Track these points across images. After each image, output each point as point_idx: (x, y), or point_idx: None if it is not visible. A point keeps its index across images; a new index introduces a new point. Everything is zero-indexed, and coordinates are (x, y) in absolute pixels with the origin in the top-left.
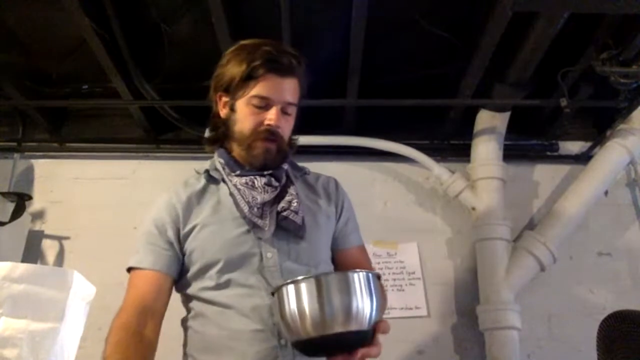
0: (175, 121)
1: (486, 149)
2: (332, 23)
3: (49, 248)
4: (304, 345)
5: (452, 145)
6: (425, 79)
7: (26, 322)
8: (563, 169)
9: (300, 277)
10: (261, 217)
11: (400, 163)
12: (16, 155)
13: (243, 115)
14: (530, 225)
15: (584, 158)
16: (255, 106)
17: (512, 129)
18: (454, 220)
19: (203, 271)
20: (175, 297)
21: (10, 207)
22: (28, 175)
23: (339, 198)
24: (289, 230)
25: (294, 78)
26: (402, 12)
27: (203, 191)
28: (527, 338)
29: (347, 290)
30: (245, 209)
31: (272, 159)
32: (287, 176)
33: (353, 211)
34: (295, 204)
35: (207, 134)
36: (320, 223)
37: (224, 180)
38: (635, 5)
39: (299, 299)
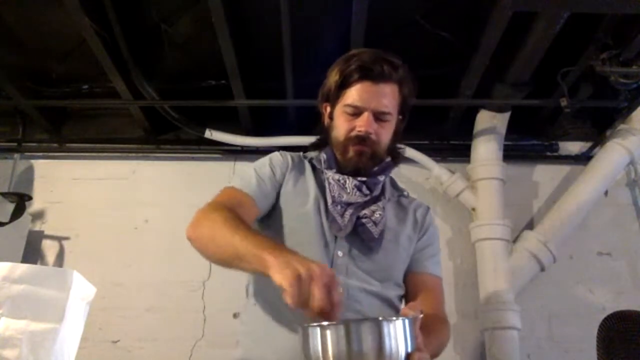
0: (175, 121)
1: (486, 149)
2: (332, 23)
3: (49, 248)
4: None
5: (452, 145)
6: (425, 79)
7: (26, 322)
8: (563, 169)
9: (326, 323)
10: (341, 215)
11: (400, 163)
12: (16, 155)
13: (338, 123)
14: (530, 225)
15: (584, 158)
16: (348, 114)
17: (512, 129)
18: (454, 220)
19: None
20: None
21: (10, 207)
22: (28, 176)
23: (425, 223)
24: (362, 238)
25: (390, 84)
26: (402, 12)
27: (303, 172)
28: (527, 338)
29: (379, 339)
30: (330, 201)
31: (365, 163)
32: (383, 191)
33: (437, 243)
34: (377, 216)
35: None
36: (400, 243)
37: (322, 172)
38: (635, 5)
39: (325, 345)
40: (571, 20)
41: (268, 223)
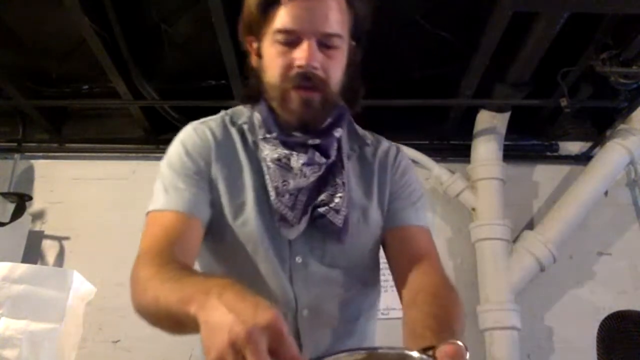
0: (175, 121)
1: (486, 149)
2: None
3: (49, 248)
4: None
5: (452, 145)
6: (425, 79)
7: (26, 322)
8: (563, 169)
9: None
10: (292, 207)
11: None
12: (16, 155)
13: (270, 60)
14: (530, 225)
15: (584, 158)
16: (282, 43)
17: (512, 129)
18: (454, 220)
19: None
20: None
21: (11, 207)
22: (28, 176)
23: (395, 172)
24: (324, 232)
25: None
26: (402, 12)
27: (232, 154)
28: (527, 338)
29: None
30: (272, 195)
31: (315, 115)
32: (340, 149)
33: (419, 188)
34: (338, 200)
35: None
36: (371, 219)
37: (256, 145)
38: (635, 5)
39: None
40: (571, 20)
41: (208, 237)
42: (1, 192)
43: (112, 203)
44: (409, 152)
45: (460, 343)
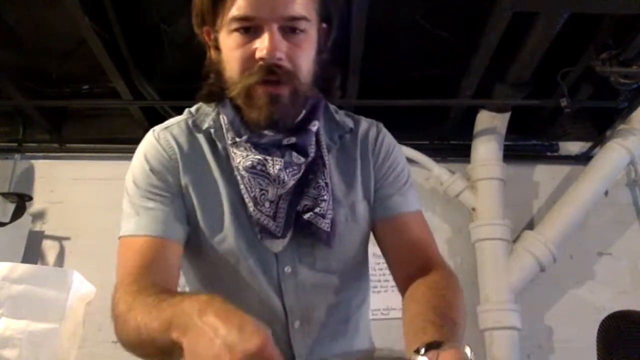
0: None
1: (486, 150)
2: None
3: (49, 248)
4: None
5: (452, 145)
6: (425, 79)
7: (26, 322)
8: (563, 169)
9: None
10: (274, 217)
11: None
12: (17, 155)
13: (228, 52)
14: (530, 225)
15: (584, 158)
16: (240, 33)
17: (512, 129)
18: (454, 220)
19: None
20: None
21: (11, 207)
22: (28, 176)
23: (378, 157)
24: (311, 238)
25: None
26: (402, 12)
27: (201, 165)
28: (527, 338)
29: None
30: (250, 206)
31: (283, 111)
32: (318, 143)
33: (399, 166)
34: (323, 204)
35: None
36: (358, 214)
37: (226, 151)
38: (635, 5)
39: None
40: (571, 20)
41: (188, 254)
42: (1, 192)
43: (112, 203)
44: (409, 152)
45: (466, 351)
